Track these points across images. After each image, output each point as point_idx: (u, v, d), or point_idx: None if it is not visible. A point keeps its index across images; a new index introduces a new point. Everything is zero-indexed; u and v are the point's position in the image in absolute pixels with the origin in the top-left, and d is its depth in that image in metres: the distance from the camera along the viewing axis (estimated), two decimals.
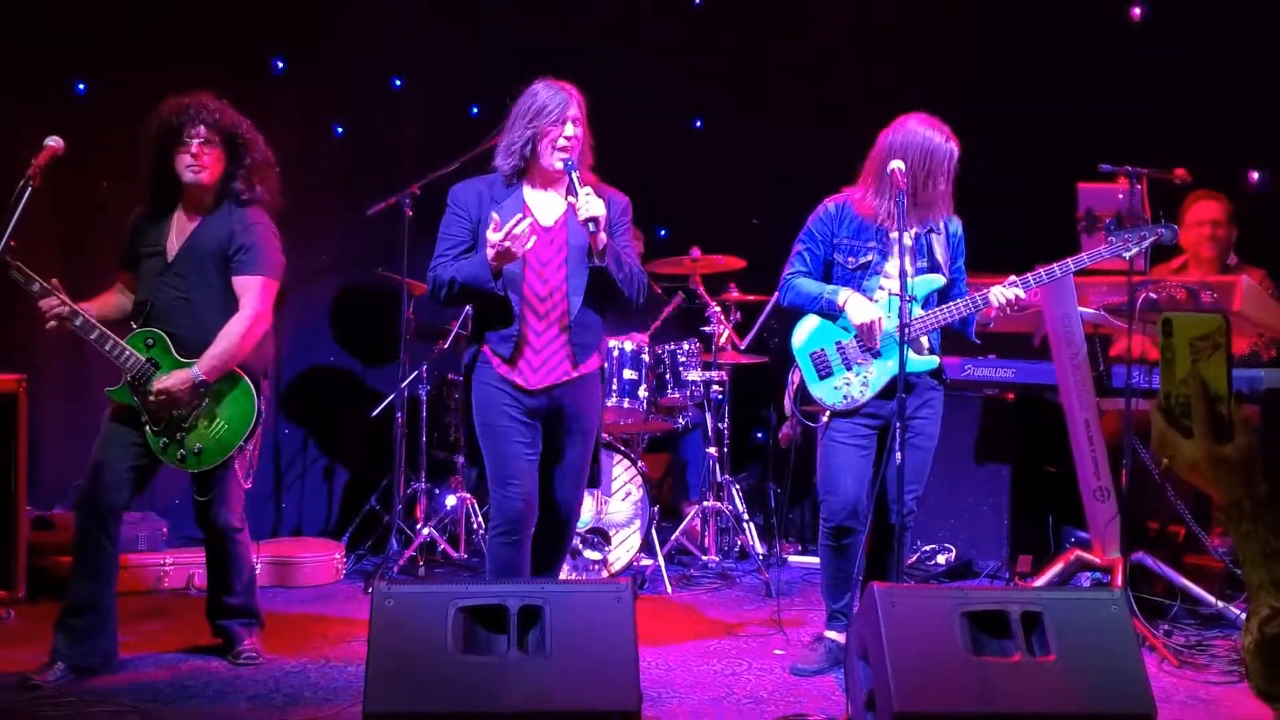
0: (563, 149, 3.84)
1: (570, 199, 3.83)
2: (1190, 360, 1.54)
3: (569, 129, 3.84)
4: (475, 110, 6.54)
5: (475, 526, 5.68)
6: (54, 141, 3.71)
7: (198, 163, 4.03)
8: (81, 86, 5.79)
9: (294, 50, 6.10)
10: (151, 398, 3.95)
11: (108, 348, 3.96)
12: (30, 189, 3.59)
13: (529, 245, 3.74)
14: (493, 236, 3.69)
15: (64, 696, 3.78)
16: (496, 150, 3.96)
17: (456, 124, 6.21)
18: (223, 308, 4.07)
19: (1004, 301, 4.04)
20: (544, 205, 3.93)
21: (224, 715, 3.69)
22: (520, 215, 3.72)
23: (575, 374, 3.91)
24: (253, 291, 4.09)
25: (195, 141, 4.01)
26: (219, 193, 4.12)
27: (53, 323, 3.90)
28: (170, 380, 3.96)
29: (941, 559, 5.85)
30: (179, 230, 4.11)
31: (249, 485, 4.20)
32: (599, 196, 3.82)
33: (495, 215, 3.74)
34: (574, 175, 3.79)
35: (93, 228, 5.64)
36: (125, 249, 4.18)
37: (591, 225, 3.73)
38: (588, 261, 3.84)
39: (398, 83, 6.54)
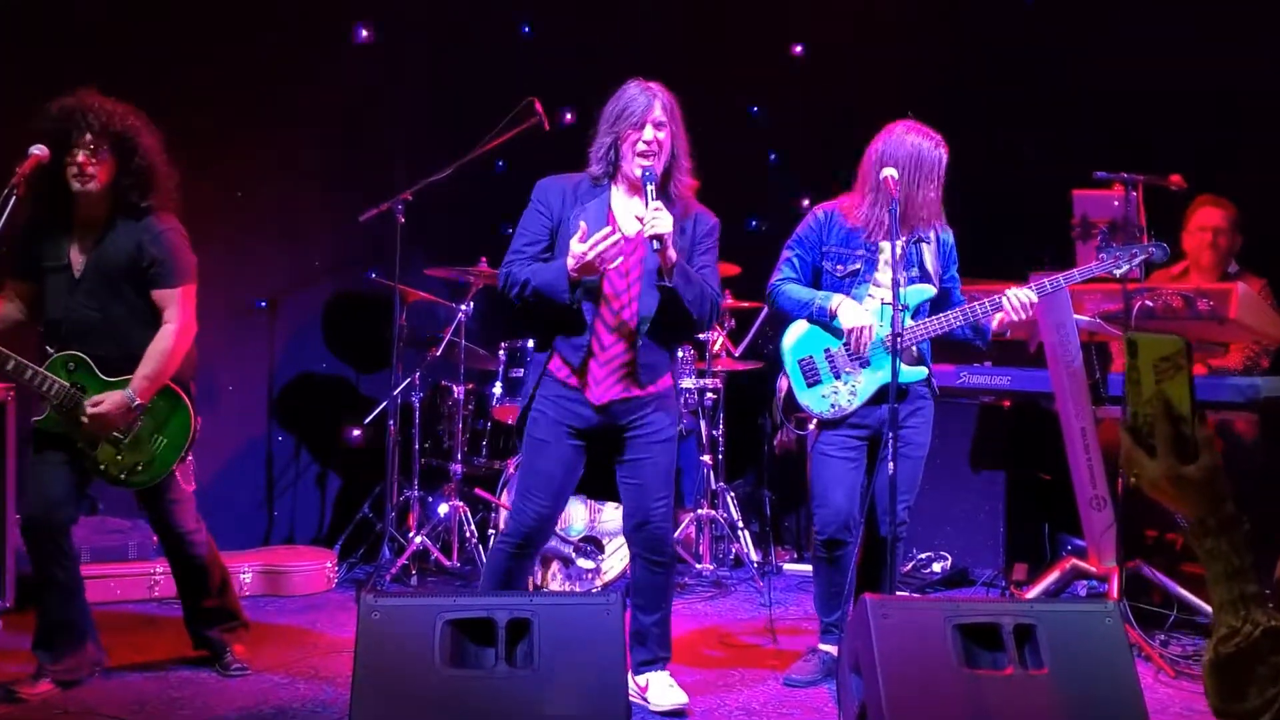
0: (642, 154, 3.68)
1: (639, 213, 3.66)
2: (1154, 381, 1.57)
3: (648, 132, 3.67)
4: (469, 115, 6.52)
5: (468, 535, 5.65)
6: (39, 150, 3.66)
7: (84, 172, 3.80)
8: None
9: (288, 55, 6.07)
10: (85, 421, 3.81)
11: (27, 377, 3.77)
12: (15, 197, 3.54)
13: (615, 264, 3.63)
14: (577, 247, 3.54)
15: (52, 709, 3.75)
16: (589, 150, 3.83)
17: (450, 130, 6.18)
18: (143, 322, 3.92)
19: (1018, 304, 3.99)
20: (629, 213, 3.77)
21: None
22: (609, 229, 3.57)
23: (640, 393, 3.77)
24: (174, 304, 3.93)
25: (82, 150, 3.78)
26: (112, 198, 3.89)
27: None
28: (105, 405, 3.81)
29: (937, 567, 5.82)
30: (81, 244, 3.90)
31: (192, 488, 4.13)
32: (687, 213, 3.74)
33: (583, 223, 3.60)
34: (650, 188, 3.63)
35: None
36: (18, 258, 3.93)
37: (655, 244, 3.57)
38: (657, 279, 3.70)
39: (392, 88, 6.51)
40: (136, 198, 3.89)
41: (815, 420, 4.17)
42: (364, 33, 6.42)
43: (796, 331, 4.21)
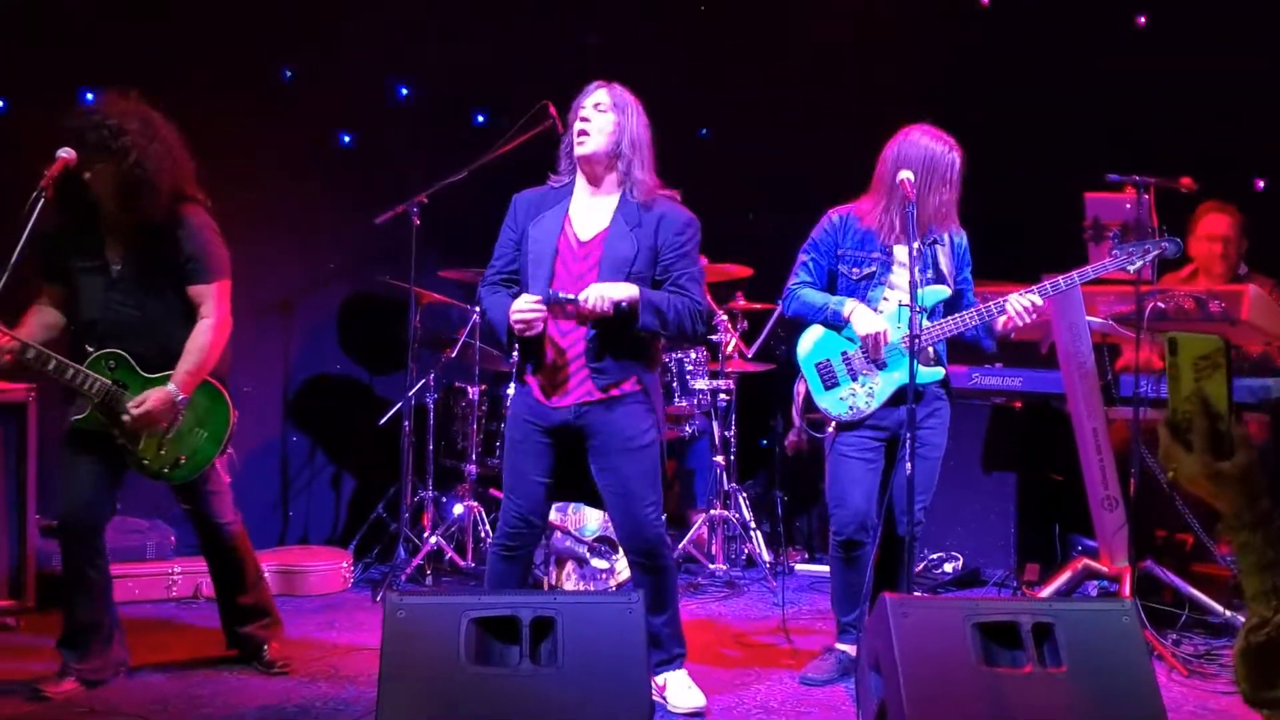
0: (578, 134, 3.76)
1: (565, 309, 3.70)
2: (1194, 379, 1.61)
3: (585, 111, 3.76)
4: (481, 119, 6.56)
5: (482, 535, 5.68)
6: (66, 153, 3.68)
7: (90, 185, 3.79)
8: (89, 96, 5.80)
9: (301, 58, 6.11)
10: (129, 419, 3.83)
11: (68, 376, 3.79)
12: (43, 200, 3.58)
13: (534, 332, 3.71)
14: (516, 307, 3.68)
15: (76, 707, 3.79)
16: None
17: (463, 133, 6.22)
18: (180, 318, 3.95)
19: (1021, 309, 4.03)
20: (586, 216, 3.82)
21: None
22: (536, 300, 3.67)
23: (601, 396, 3.78)
24: (210, 299, 3.97)
25: (85, 166, 3.76)
26: (122, 200, 3.85)
27: (5, 358, 3.71)
28: (149, 402, 3.83)
29: (949, 567, 5.86)
30: (115, 243, 3.92)
31: (229, 480, 4.19)
32: (650, 209, 3.77)
33: (525, 301, 3.68)
34: (557, 300, 3.66)
35: None
36: (48, 262, 3.94)
37: (624, 305, 3.65)
38: (626, 270, 3.73)
39: (404, 91, 6.55)
40: (144, 201, 3.84)
41: (834, 423, 4.19)
42: (380, 35, 6.46)
43: (812, 336, 4.24)
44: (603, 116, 3.76)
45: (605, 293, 3.64)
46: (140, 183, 3.80)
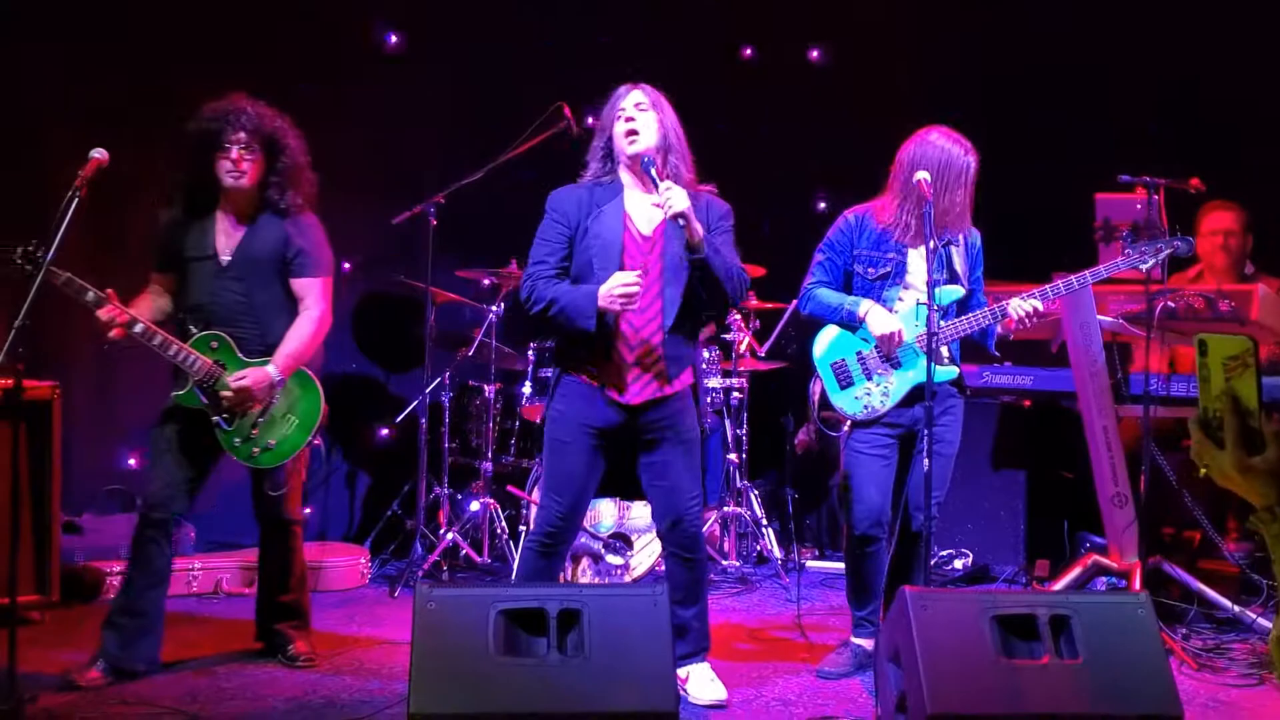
0: (628, 134, 3.80)
1: (654, 200, 3.76)
2: (1224, 378, 1.65)
3: (628, 110, 3.81)
4: (499, 120, 6.60)
5: (498, 531, 5.75)
6: (99, 153, 3.74)
7: (238, 168, 4.07)
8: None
9: (320, 59, 6.16)
10: (230, 394, 4.01)
11: (171, 353, 4.00)
12: (77, 200, 3.64)
13: (634, 306, 3.72)
14: (612, 287, 3.66)
15: (107, 700, 3.84)
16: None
17: (481, 133, 6.28)
18: (282, 310, 4.18)
19: (1023, 314, 4.10)
20: (644, 211, 3.87)
21: (263, 717, 3.75)
22: (638, 273, 3.70)
23: (668, 390, 3.84)
24: (314, 293, 4.21)
25: (236, 148, 4.06)
26: (258, 195, 4.16)
27: (114, 332, 3.91)
28: (248, 379, 4.03)
29: (959, 564, 5.92)
30: (226, 234, 4.16)
31: (304, 478, 4.37)
32: (698, 200, 3.82)
33: (625, 276, 3.69)
34: (651, 171, 3.75)
35: (123, 234, 5.71)
36: (162, 251, 4.20)
37: (680, 220, 3.66)
38: (685, 256, 3.75)
39: (423, 91, 6.60)
40: (279, 195, 4.15)
41: (849, 421, 4.25)
42: (394, 37, 6.52)
43: (827, 337, 4.30)
44: (645, 114, 3.82)
45: (680, 202, 3.66)
46: (287, 176, 4.14)
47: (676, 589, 3.96)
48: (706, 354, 5.91)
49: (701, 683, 3.92)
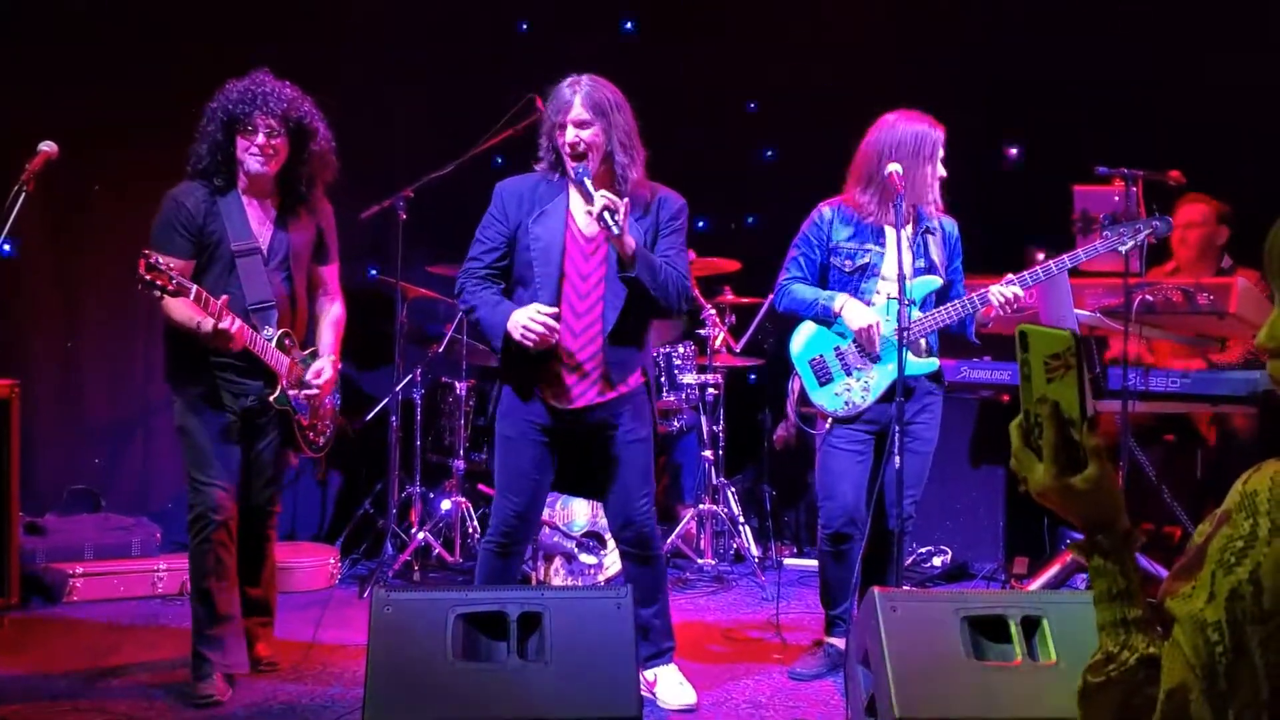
0: (569, 153, 3.63)
1: (588, 209, 3.60)
2: (1044, 379, 1.42)
3: (570, 134, 3.61)
4: (469, 113, 6.51)
5: (470, 531, 5.67)
6: (48, 146, 3.65)
7: (264, 154, 3.86)
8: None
9: (289, 49, 6.07)
10: (314, 392, 3.99)
11: (267, 357, 3.87)
12: (24, 193, 3.54)
13: (544, 345, 3.61)
14: (524, 322, 3.55)
15: (59, 708, 3.75)
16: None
17: (451, 126, 6.19)
18: (309, 297, 4.14)
19: (1003, 300, 4.03)
20: (588, 212, 3.71)
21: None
22: (554, 313, 3.59)
23: (610, 395, 3.76)
24: (336, 279, 4.21)
25: (263, 132, 3.85)
26: (282, 182, 3.99)
27: (235, 344, 3.68)
28: (328, 371, 4.04)
29: (938, 561, 5.86)
30: (260, 224, 3.96)
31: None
32: (653, 196, 3.73)
33: (546, 311, 3.57)
34: (586, 182, 3.59)
35: (87, 231, 5.62)
36: (193, 237, 3.84)
37: (615, 229, 3.50)
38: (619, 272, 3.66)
39: (392, 85, 6.51)
40: (306, 185, 4.01)
41: (830, 418, 4.17)
42: (363, 28, 6.43)
43: (805, 333, 4.23)
44: (587, 130, 3.63)
45: (620, 215, 3.53)
46: (314, 164, 4.01)
47: (634, 589, 3.88)
48: (681, 349, 5.83)
49: (670, 686, 3.85)
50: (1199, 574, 1.32)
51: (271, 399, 3.93)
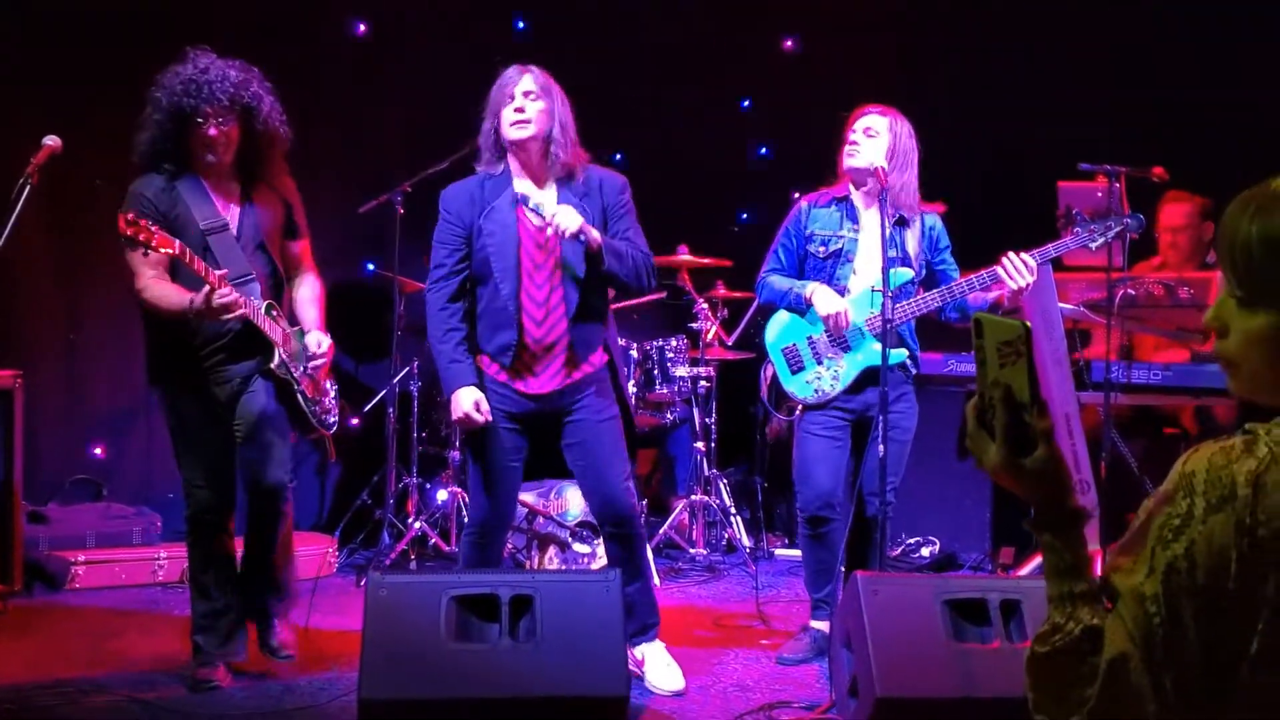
0: (514, 123, 3.73)
1: (538, 221, 3.74)
2: (998, 364, 1.50)
3: (516, 100, 3.74)
4: (466, 108, 6.59)
5: (466, 520, 5.74)
6: (52, 140, 3.70)
7: (215, 147, 3.81)
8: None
9: (286, 48, 6.14)
10: (317, 363, 3.98)
11: (265, 325, 3.81)
12: (29, 188, 3.61)
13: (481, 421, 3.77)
14: (464, 415, 3.74)
15: (64, 686, 3.83)
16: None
17: (447, 120, 6.26)
18: (281, 275, 4.03)
19: (1016, 268, 3.98)
20: (536, 196, 3.84)
21: (220, 706, 3.74)
22: (483, 415, 3.76)
23: (576, 375, 3.86)
24: (309, 254, 4.13)
25: (213, 124, 3.78)
26: (239, 166, 3.93)
27: (240, 314, 3.67)
28: (327, 343, 4.00)
29: (925, 551, 5.95)
30: (224, 207, 3.89)
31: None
32: (590, 178, 3.83)
33: (483, 409, 3.77)
34: (527, 210, 3.75)
35: (89, 223, 5.70)
36: (160, 220, 3.72)
37: (580, 238, 3.68)
38: (584, 267, 3.77)
39: (388, 79, 6.59)
40: (261, 164, 3.95)
41: (801, 405, 4.27)
42: (361, 27, 6.51)
43: (779, 322, 4.33)
44: (535, 104, 3.75)
45: (570, 223, 3.66)
46: (265, 141, 3.91)
47: (616, 566, 3.98)
48: (674, 342, 5.92)
49: (659, 668, 3.93)
50: (1140, 549, 1.41)
51: (273, 365, 3.85)
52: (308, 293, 4.12)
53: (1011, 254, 4.01)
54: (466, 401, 3.76)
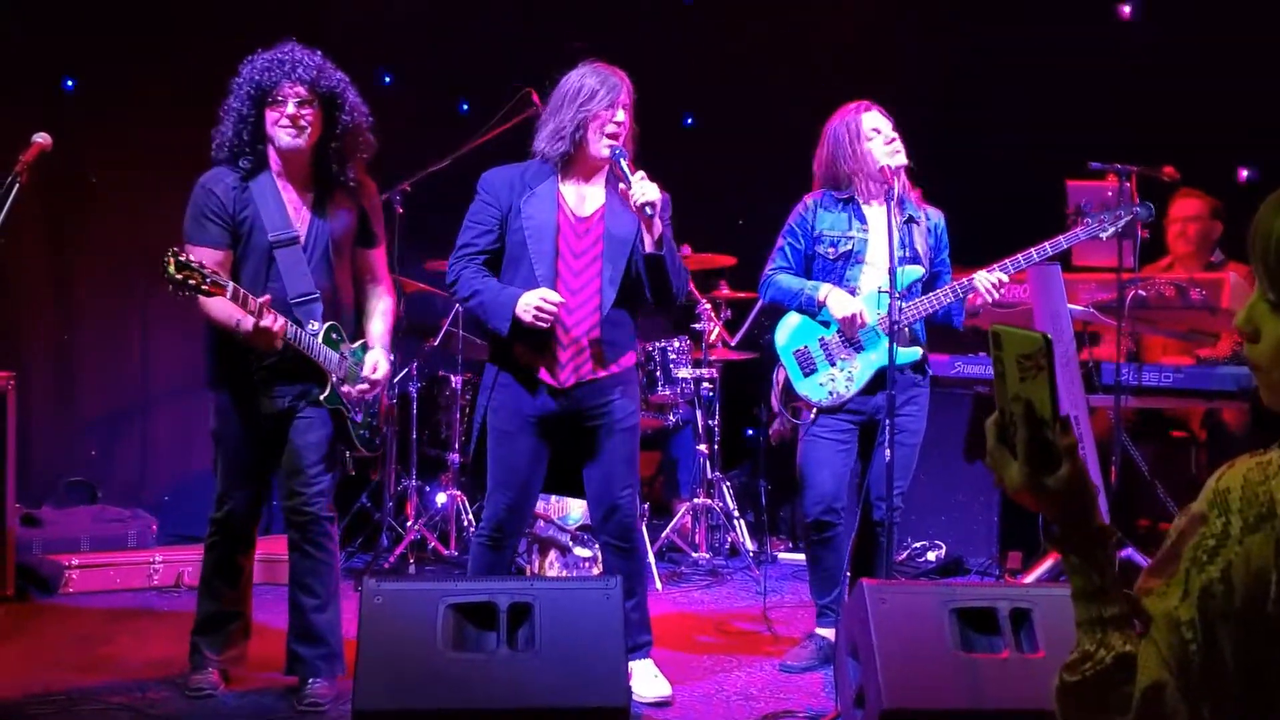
0: (611, 135, 3.68)
1: (622, 186, 3.67)
2: (1018, 378, 1.43)
3: (619, 115, 3.68)
4: (465, 107, 6.54)
5: (465, 524, 5.68)
6: (42, 138, 3.64)
7: (296, 125, 3.60)
8: (70, 83, 5.78)
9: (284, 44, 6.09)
10: (365, 387, 3.78)
11: (315, 354, 3.64)
12: (18, 185, 3.55)
13: (546, 326, 3.64)
14: (533, 303, 3.58)
15: (52, 695, 3.77)
16: (538, 134, 3.79)
17: (446, 120, 6.21)
18: (351, 285, 3.85)
19: (989, 285, 4.03)
20: (580, 195, 3.78)
21: (212, 712, 3.69)
22: (560, 300, 3.63)
23: (605, 373, 3.77)
24: (381, 264, 3.94)
25: (293, 101, 3.58)
26: (315, 160, 3.73)
27: (277, 343, 3.50)
28: (382, 366, 3.82)
29: (932, 556, 5.87)
30: (296, 210, 3.70)
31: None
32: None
33: (551, 296, 3.61)
34: (623, 162, 3.65)
35: (82, 223, 5.64)
36: (229, 225, 3.62)
37: (649, 210, 3.58)
38: (642, 251, 3.67)
39: (387, 79, 6.53)
40: (339, 165, 3.72)
41: (815, 408, 4.19)
42: (360, 25, 6.44)
43: (790, 324, 4.24)
44: (628, 117, 3.72)
45: (652, 193, 3.60)
46: (348, 140, 3.72)
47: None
48: (676, 343, 5.85)
49: (645, 679, 3.84)
50: (1173, 571, 1.34)
51: (322, 398, 3.69)
52: (378, 307, 3.92)
53: (985, 273, 4.03)
54: (533, 297, 3.60)
